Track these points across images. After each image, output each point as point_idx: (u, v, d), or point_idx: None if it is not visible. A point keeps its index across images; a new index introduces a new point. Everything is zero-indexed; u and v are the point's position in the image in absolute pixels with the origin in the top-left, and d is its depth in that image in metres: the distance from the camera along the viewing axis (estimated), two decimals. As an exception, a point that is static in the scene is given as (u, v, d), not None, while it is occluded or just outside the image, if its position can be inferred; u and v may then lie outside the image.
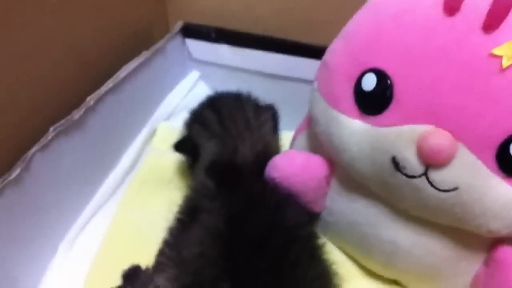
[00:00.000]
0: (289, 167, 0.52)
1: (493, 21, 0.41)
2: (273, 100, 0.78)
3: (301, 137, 0.60)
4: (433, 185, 0.42)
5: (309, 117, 0.57)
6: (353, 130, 0.47)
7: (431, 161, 0.41)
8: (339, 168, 0.53)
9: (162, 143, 0.72)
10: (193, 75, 0.85)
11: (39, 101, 0.56)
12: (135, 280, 0.53)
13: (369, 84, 0.45)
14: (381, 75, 0.44)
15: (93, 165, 0.63)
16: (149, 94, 0.75)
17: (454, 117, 0.41)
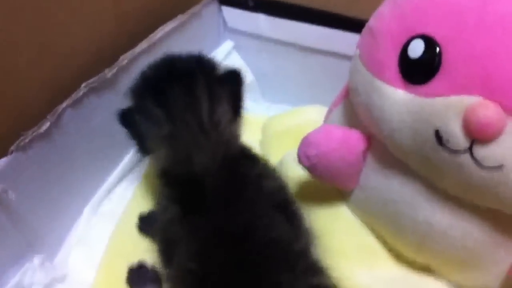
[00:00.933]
0: (327, 142, 0.51)
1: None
2: (309, 74, 0.77)
3: (336, 111, 0.58)
4: (477, 161, 0.40)
5: (345, 90, 0.55)
6: (395, 100, 0.44)
7: (478, 135, 0.39)
8: (376, 142, 0.51)
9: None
10: (226, 45, 0.83)
11: (72, 57, 0.56)
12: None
13: (417, 51, 0.43)
14: (429, 41, 0.42)
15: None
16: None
17: (505, 89, 0.39)
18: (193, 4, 0.74)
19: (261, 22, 0.78)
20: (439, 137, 0.41)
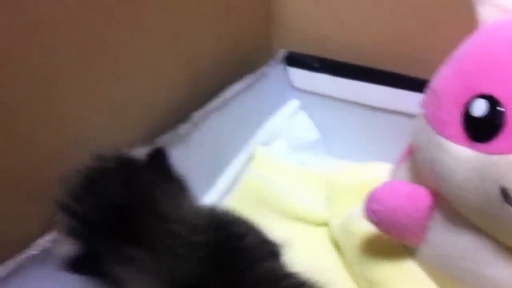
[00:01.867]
0: (394, 198, 0.51)
1: None
2: (373, 131, 0.78)
3: (401, 168, 0.59)
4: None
5: (410, 148, 0.56)
6: (459, 157, 0.45)
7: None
8: (441, 199, 0.51)
9: (258, 167, 0.74)
10: (293, 103, 0.85)
11: (147, 113, 0.60)
12: None
13: (479, 110, 0.43)
14: (492, 101, 0.43)
15: (193, 181, 0.65)
16: (249, 117, 0.77)
17: None
18: (261, 65, 0.78)
19: (326, 82, 0.80)
20: (505, 194, 0.41)
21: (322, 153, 0.86)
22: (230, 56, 0.74)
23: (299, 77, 0.83)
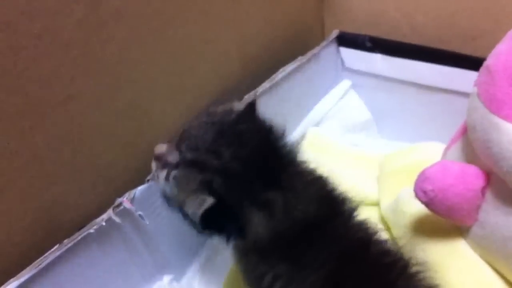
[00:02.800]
0: (445, 178, 0.50)
1: None
2: (425, 111, 0.77)
3: (454, 148, 0.58)
4: None
5: (463, 127, 0.55)
6: (514, 137, 0.44)
7: None
8: (495, 179, 0.50)
9: (310, 147, 0.74)
10: (344, 84, 0.85)
11: (200, 97, 0.61)
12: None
13: (536, 88, 0.43)
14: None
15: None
16: (301, 99, 0.77)
17: None
18: (312, 46, 0.77)
19: (378, 61, 0.79)
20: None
21: (374, 134, 0.85)
22: (281, 38, 0.74)
23: (351, 57, 0.83)
